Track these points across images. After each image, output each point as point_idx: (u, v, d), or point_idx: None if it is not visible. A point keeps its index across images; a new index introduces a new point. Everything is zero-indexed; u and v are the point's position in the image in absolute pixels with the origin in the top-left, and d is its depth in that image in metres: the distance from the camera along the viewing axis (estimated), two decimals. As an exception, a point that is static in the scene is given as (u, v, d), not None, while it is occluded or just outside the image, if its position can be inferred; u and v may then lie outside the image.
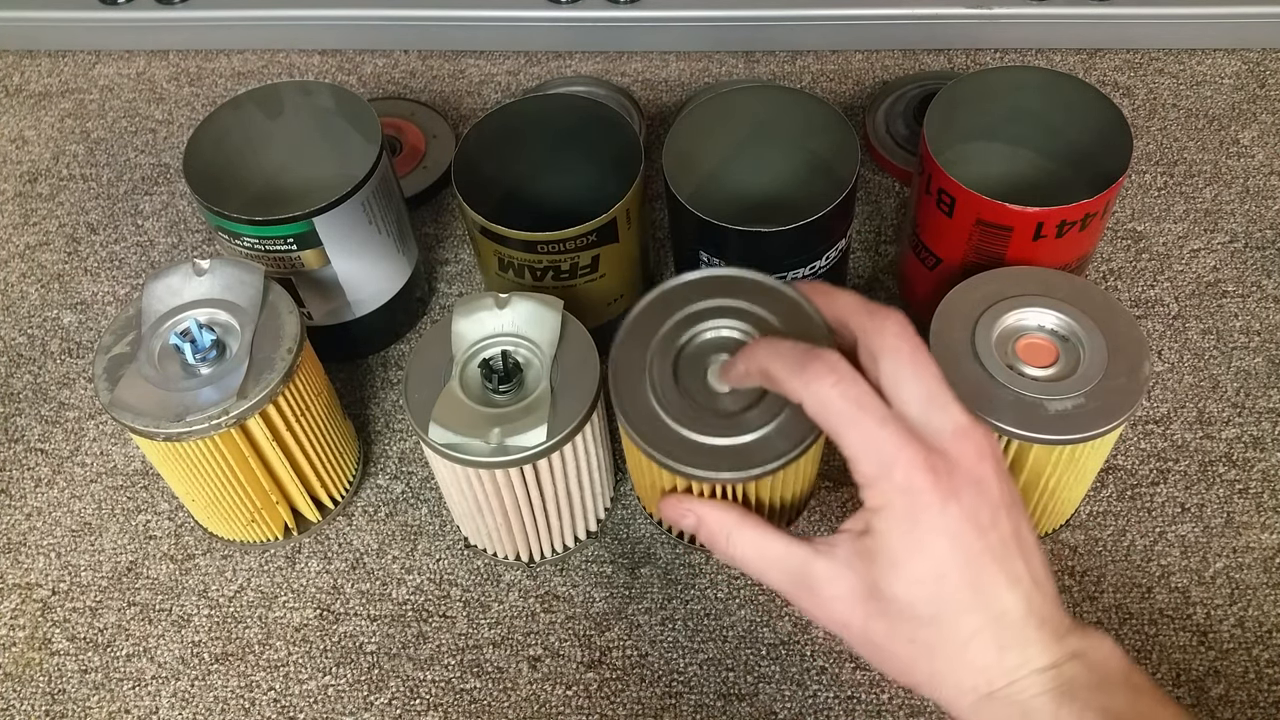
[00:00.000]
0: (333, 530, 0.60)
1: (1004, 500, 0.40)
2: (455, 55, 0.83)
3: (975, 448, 0.40)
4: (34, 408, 0.66)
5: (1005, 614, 0.39)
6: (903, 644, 0.40)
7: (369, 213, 0.59)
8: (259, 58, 0.84)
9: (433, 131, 0.77)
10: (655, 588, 0.57)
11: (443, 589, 0.58)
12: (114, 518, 0.61)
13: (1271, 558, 0.56)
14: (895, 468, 0.39)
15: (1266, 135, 0.73)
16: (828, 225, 0.56)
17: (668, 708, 0.53)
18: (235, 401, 0.50)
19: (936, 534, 0.39)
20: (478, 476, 0.50)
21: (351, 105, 0.62)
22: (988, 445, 0.40)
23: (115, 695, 0.55)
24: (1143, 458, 0.60)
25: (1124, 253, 0.68)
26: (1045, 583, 0.41)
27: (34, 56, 0.86)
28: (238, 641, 0.57)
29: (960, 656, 0.39)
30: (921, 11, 0.78)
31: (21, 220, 0.76)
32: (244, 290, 0.53)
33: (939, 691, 0.40)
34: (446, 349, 0.52)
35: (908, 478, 0.39)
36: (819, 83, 0.79)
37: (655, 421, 0.44)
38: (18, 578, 0.60)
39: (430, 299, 0.70)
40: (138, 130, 0.80)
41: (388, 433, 0.64)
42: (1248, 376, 0.63)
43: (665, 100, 0.79)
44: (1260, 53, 0.78)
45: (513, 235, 0.56)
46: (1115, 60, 0.78)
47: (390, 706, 0.54)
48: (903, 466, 0.39)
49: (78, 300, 0.71)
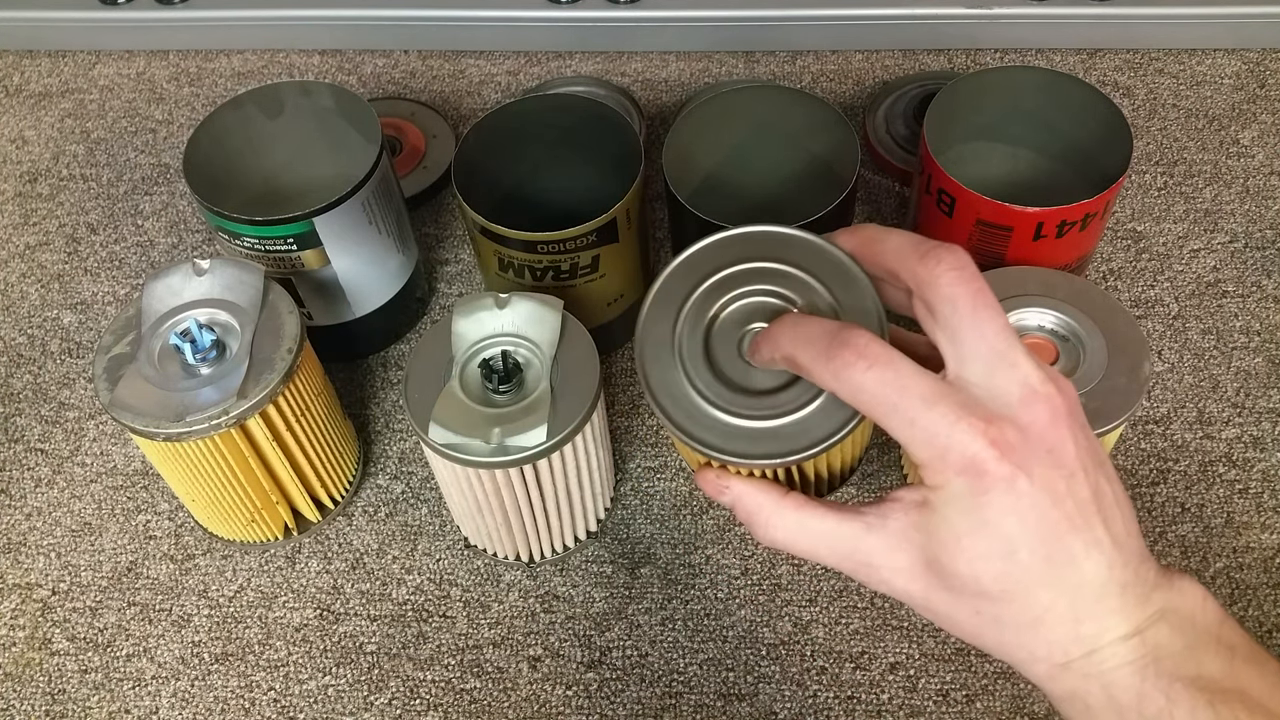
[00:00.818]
0: (333, 530, 0.60)
1: (1081, 462, 0.36)
2: (455, 55, 0.83)
3: (1048, 410, 0.35)
4: (34, 408, 0.66)
5: (1083, 585, 0.36)
6: (968, 615, 0.37)
7: (369, 213, 0.59)
8: (259, 58, 0.84)
9: (432, 131, 0.77)
10: (655, 588, 0.57)
11: (443, 589, 0.58)
12: (114, 518, 0.61)
13: (1271, 558, 0.56)
14: (950, 450, 0.35)
15: (1266, 135, 0.73)
16: (828, 225, 0.56)
17: (668, 708, 0.53)
18: (235, 401, 0.50)
19: (1004, 513, 0.35)
20: (478, 476, 0.50)
21: (351, 105, 0.62)
22: (1063, 404, 0.36)
23: (115, 695, 0.55)
24: (1143, 458, 0.60)
25: (1124, 253, 0.68)
26: (1128, 540, 0.37)
27: (34, 56, 0.86)
28: (238, 642, 0.57)
29: (1032, 630, 0.36)
30: (921, 11, 0.78)
31: (21, 220, 0.76)
32: (244, 290, 0.53)
33: (1012, 657, 0.38)
34: (446, 349, 0.52)
35: (967, 458, 0.35)
36: (819, 83, 0.79)
37: (686, 402, 0.40)
38: (18, 578, 0.60)
39: (430, 299, 0.70)
40: (138, 130, 0.80)
41: (388, 433, 0.64)
42: (1248, 377, 0.63)
43: (665, 100, 0.79)
44: (1260, 53, 0.78)
45: (513, 235, 0.56)
46: (1115, 60, 0.78)
47: (390, 707, 0.54)
48: (959, 448, 0.35)
49: (78, 300, 0.71)
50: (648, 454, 0.62)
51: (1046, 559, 0.36)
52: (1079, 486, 0.36)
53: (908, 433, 0.35)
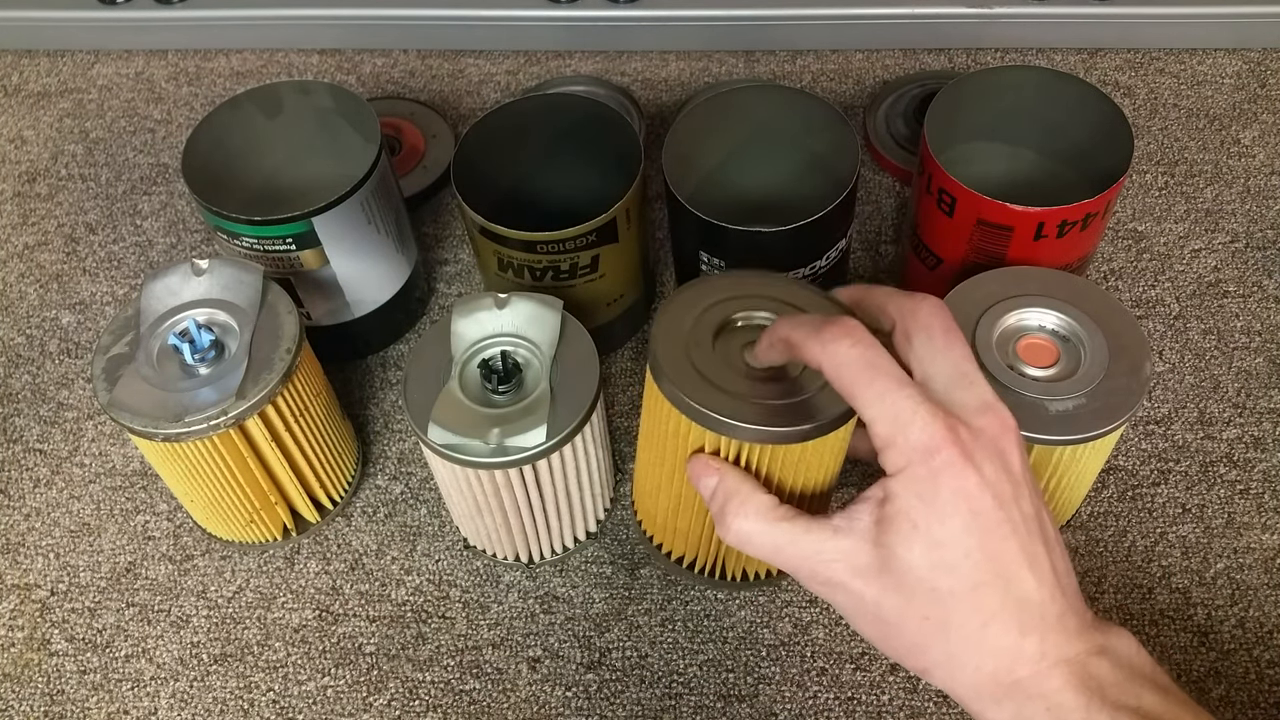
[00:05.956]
0: (331, 531, 0.60)
1: (1026, 480, 0.39)
2: (455, 55, 0.83)
3: (1000, 422, 0.39)
4: (32, 408, 0.66)
5: (1027, 597, 0.38)
6: (916, 621, 0.38)
7: (368, 213, 0.59)
8: (258, 57, 0.84)
9: (432, 131, 0.77)
10: (655, 589, 0.57)
11: (442, 590, 0.58)
12: (112, 518, 0.61)
13: (1272, 559, 0.56)
14: (912, 426, 0.37)
15: (1267, 135, 0.73)
16: (828, 225, 0.56)
17: (667, 709, 0.53)
18: (234, 402, 0.50)
19: (958, 497, 0.37)
20: (477, 477, 0.50)
21: (350, 105, 0.61)
22: (1012, 423, 0.39)
23: (114, 696, 0.55)
24: (1144, 458, 0.60)
25: (1125, 253, 0.68)
26: (1068, 579, 0.39)
27: (33, 56, 0.86)
28: (236, 642, 0.57)
29: (978, 637, 0.38)
30: (922, 11, 0.78)
31: (20, 220, 0.76)
32: (243, 290, 0.53)
33: (955, 676, 0.38)
34: (446, 349, 0.52)
35: (926, 436, 0.37)
36: (819, 83, 0.79)
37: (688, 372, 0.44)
38: (16, 578, 0.60)
39: (430, 299, 0.70)
40: (136, 130, 0.80)
41: (387, 433, 0.64)
42: (1249, 377, 0.62)
43: (665, 100, 0.79)
44: (1261, 52, 0.78)
45: (512, 235, 0.56)
46: (1116, 60, 0.78)
47: (389, 708, 0.54)
48: (920, 425, 0.37)
49: (76, 300, 0.71)
50: (647, 454, 0.62)
51: (993, 558, 0.37)
52: (1024, 500, 0.39)
53: (877, 408, 0.38)
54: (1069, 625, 0.38)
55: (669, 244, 0.68)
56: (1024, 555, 0.38)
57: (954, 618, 0.38)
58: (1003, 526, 0.38)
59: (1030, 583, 0.38)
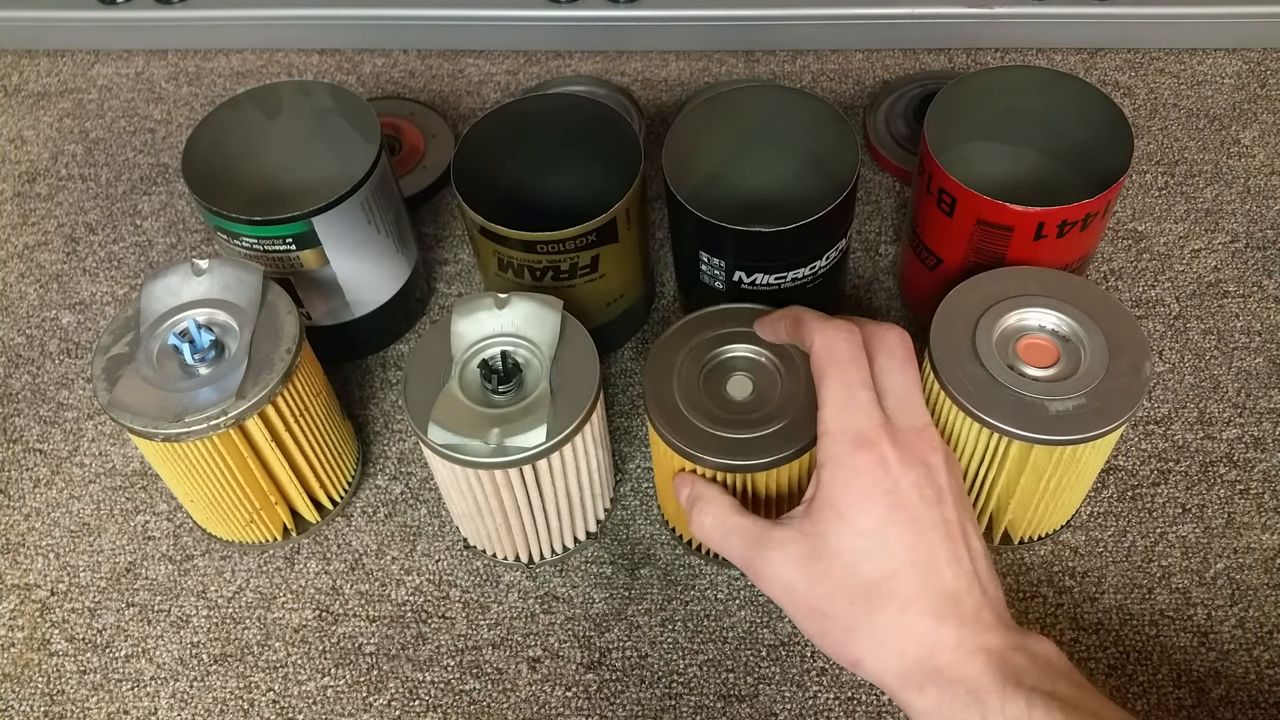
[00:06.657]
0: (331, 531, 0.60)
1: (952, 495, 0.43)
2: (454, 55, 0.83)
3: (931, 442, 0.44)
4: (32, 408, 0.66)
5: (944, 587, 0.41)
6: (844, 606, 0.41)
7: (368, 212, 0.59)
8: (258, 57, 0.84)
9: (432, 131, 0.77)
10: (655, 589, 0.57)
11: (442, 590, 0.58)
12: (112, 518, 0.61)
13: (1272, 559, 0.56)
14: (853, 422, 0.42)
15: (1267, 135, 0.73)
16: (828, 225, 0.56)
17: (667, 709, 0.53)
18: (234, 402, 0.50)
19: (881, 491, 0.41)
20: (477, 477, 0.50)
21: (350, 105, 0.61)
22: (943, 446, 0.44)
23: (114, 696, 0.55)
24: (1144, 458, 0.60)
25: (1125, 253, 0.68)
26: (990, 583, 0.42)
27: (32, 56, 0.86)
28: (236, 642, 0.57)
29: (898, 621, 0.40)
30: (922, 11, 0.78)
31: (20, 220, 0.76)
32: (243, 290, 0.53)
33: (882, 663, 0.41)
34: (446, 349, 0.52)
35: (863, 433, 0.42)
36: (819, 83, 0.79)
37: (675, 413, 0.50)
38: (16, 578, 0.60)
39: (430, 299, 0.70)
40: (136, 130, 0.80)
41: (387, 433, 0.64)
42: (1249, 377, 0.62)
43: (665, 100, 0.79)
44: (1261, 52, 0.78)
45: (512, 235, 0.56)
46: (1116, 60, 0.78)
47: (389, 708, 0.54)
48: (859, 423, 0.42)
49: (76, 300, 0.71)
50: (647, 454, 0.61)
51: (913, 547, 0.41)
52: (947, 508, 0.42)
53: (836, 393, 0.43)
54: (985, 619, 0.41)
55: (669, 244, 0.68)
56: (943, 550, 0.41)
57: (874, 601, 0.41)
58: (922, 522, 0.41)
59: (948, 574, 0.41)
